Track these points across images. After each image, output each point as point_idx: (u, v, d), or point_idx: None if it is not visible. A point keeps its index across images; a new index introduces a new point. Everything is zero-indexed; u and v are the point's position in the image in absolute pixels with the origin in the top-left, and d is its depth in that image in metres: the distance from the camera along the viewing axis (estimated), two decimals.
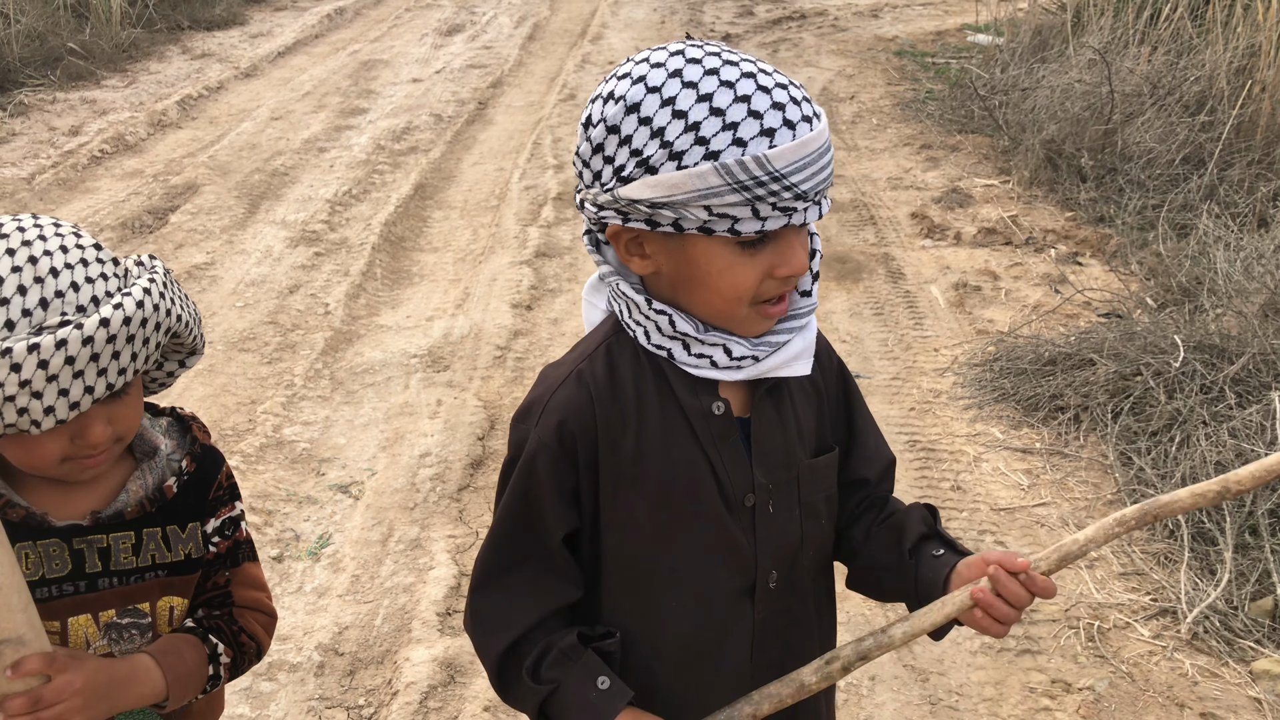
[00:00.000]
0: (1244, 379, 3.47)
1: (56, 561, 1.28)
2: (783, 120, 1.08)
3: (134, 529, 1.32)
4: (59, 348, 1.12)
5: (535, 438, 1.23)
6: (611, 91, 1.14)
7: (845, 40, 9.66)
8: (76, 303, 1.16)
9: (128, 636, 1.33)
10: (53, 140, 6.81)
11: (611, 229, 1.19)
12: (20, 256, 1.15)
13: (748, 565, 1.28)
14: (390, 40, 9.84)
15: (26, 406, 1.13)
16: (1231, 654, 2.70)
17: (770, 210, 1.09)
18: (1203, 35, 6.14)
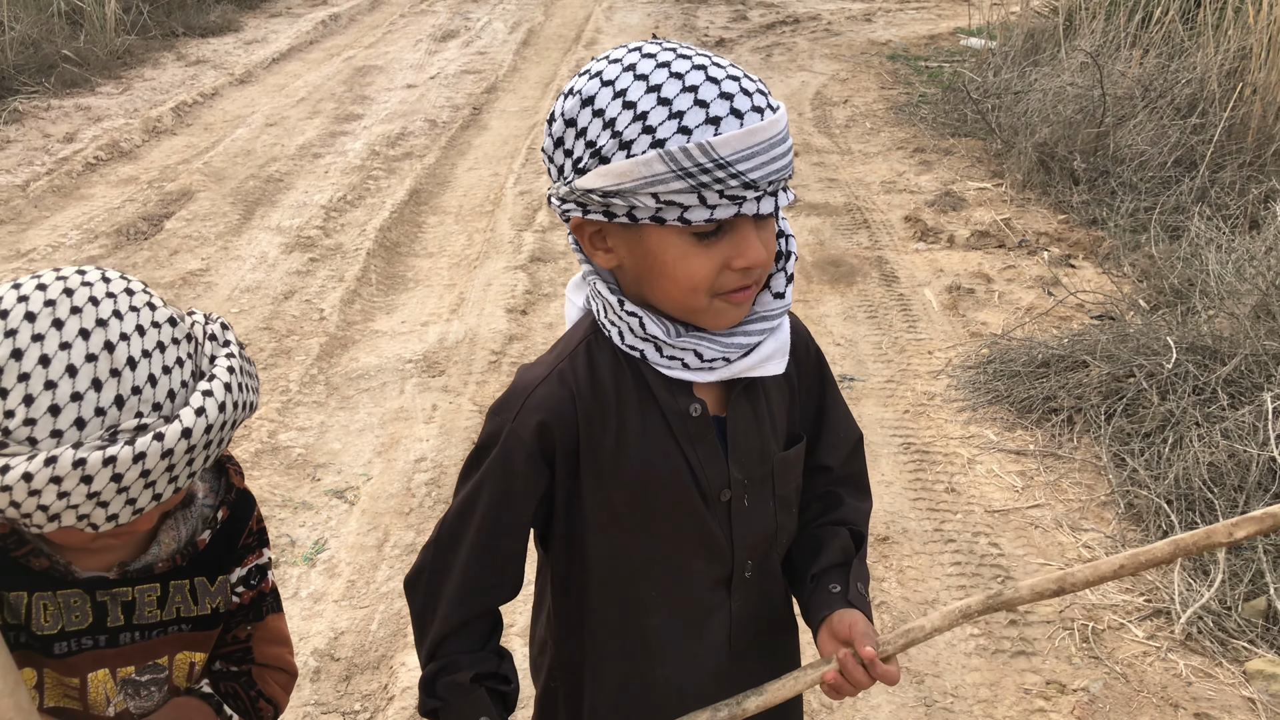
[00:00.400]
0: (1236, 380, 3.49)
1: (77, 614, 1.20)
2: (730, 109, 1.09)
3: (160, 581, 1.24)
4: (136, 461, 1.03)
5: (512, 432, 1.23)
6: (572, 88, 1.17)
7: (838, 44, 9.69)
8: (153, 399, 1.06)
9: (145, 694, 1.27)
10: (47, 147, 6.81)
11: (574, 222, 1.21)
12: (95, 341, 1.04)
13: (724, 557, 1.31)
14: (385, 46, 9.85)
15: (89, 514, 1.04)
16: (1225, 654, 2.71)
17: (717, 198, 1.10)
18: (1194, 38, 6.17)
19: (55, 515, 1.04)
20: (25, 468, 1.01)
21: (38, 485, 1.01)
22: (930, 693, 2.63)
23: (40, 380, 1.02)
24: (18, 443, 1.03)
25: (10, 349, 1.03)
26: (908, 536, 3.19)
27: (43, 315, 1.04)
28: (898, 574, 3.04)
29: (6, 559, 1.17)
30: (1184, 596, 2.87)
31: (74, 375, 1.03)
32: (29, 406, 1.02)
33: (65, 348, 1.03)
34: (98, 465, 1.01)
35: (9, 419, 1.03)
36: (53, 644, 1.20)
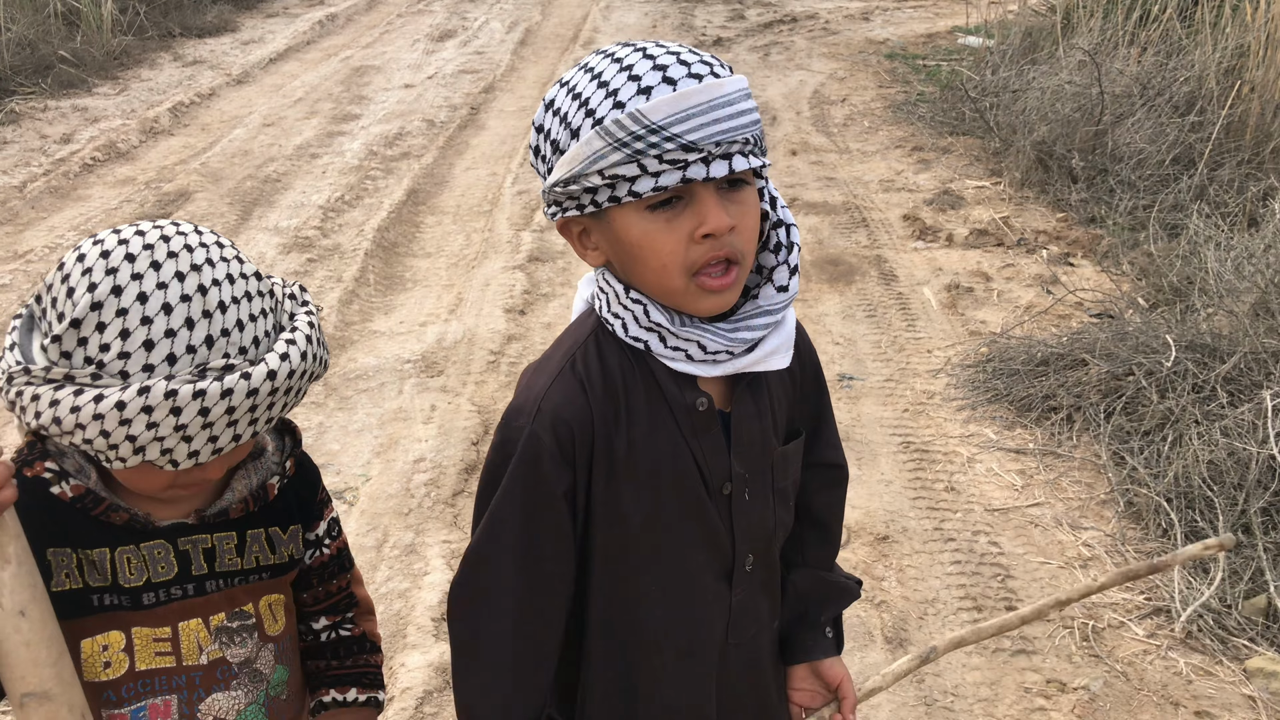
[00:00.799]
0: (1235, 378, 3.49)
1: (162, 564, 1.24)
2: (662, 78, 1.10)
3: (237, 529, 1.28)
4: (224, 397, 1.07)
5: (532, 434, 1.21)
6: (543, 99, 1.22)
7: (836, 43, 9.69)
8: (240, 343, 1.11)
9: (239, 640, 1.29)
10: (44, 148, 6.80)
11: (559, 224, 1.23)
12: (190, 284, 1.09)
13: (725, 551, 1.32)
14: (382, 46, 9.84)
15: (173, 449, 1.09)
16: (1225, 652, 2.71)
17: (657, 164, 1.10)
18: (1192, 36, 6.17)
19: (141, 448, 1.08)
20: (119, 396, 1.05)
21: (129, 415, 1.06)
22: (930, 692, 2.63)
23: (137, 316, 1.07)
24: (110, 375, 1.07)
25: (110, 285, 1.08)
26: (907, 535, 3.19)
27: (142, 257, 1.09)
28: (897, 573, 3.03)
29: (86, 518, 1.19)
30: (1184, 595, 2.87)
31: (169, 313, 1.08)
32: (124, 340, 1.07)
33: (162, 287, 1.08)
34: (187, 398, 1.06)
35: (104, 352, 1.07)
36: (141, 595, 1.22)
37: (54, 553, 1.19)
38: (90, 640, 1.22)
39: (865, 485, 3.43)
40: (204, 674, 1.27)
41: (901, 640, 2.79)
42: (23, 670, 1.08)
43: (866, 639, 2.80)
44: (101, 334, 1.07)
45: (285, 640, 1.36)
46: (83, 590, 1.21)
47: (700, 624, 1.33)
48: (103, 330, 1.07)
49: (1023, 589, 2.96)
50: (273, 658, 1.33)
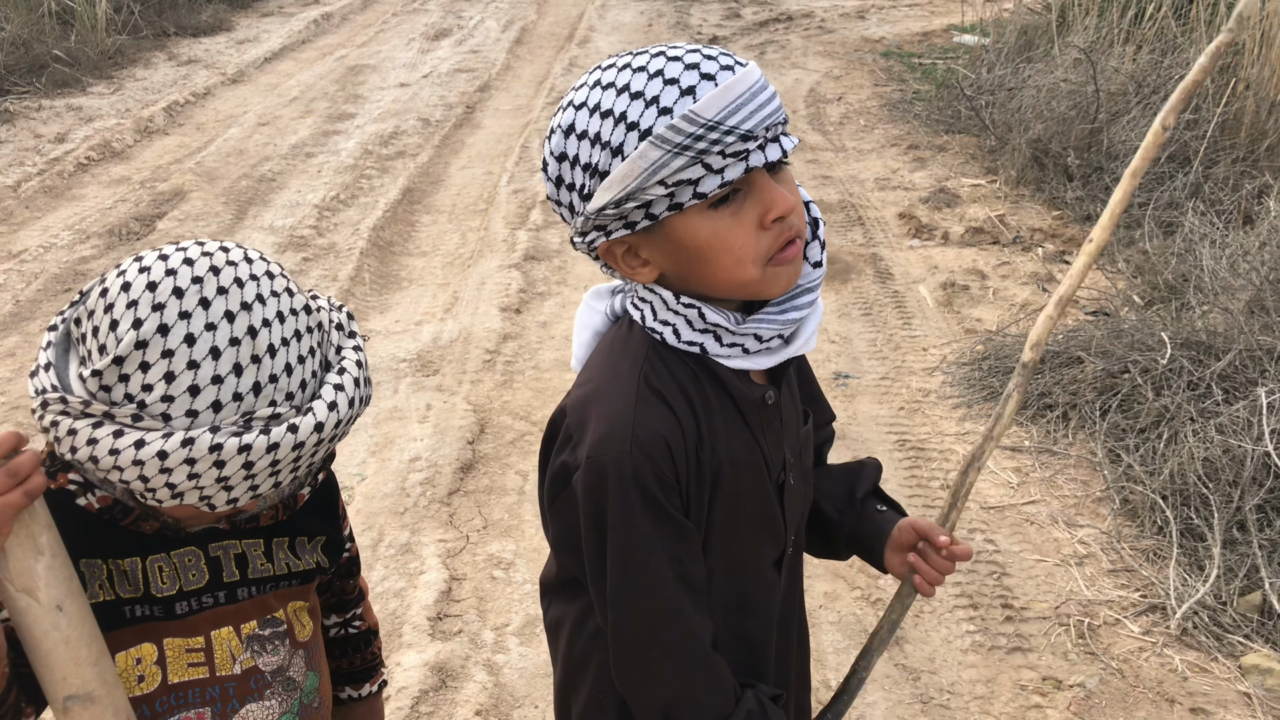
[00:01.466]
0: (1231, 375, 3.49)
1: (193, 572, 1.21)
2: (699, 75, 1.09)
3: (264, 537, 1.26)
4: (269, 451, 1.04)
5: (635, 462, 1.15)
6: (552, 127, 1.18)
7: (832, 42, 9.69)
8: (287, 388, 1.07)
9: (271, 648, 1.27)
10: (39, 148, 6.79)
11: (602, 249, 1.19)
12: (240, 325, 1.04)
13: (780, 537, 1.33)
14: (377, 45, 9.83)
15: (212, 496, 1.06)
16: (1221, 649, 2.72)
17: (721, 160, 1.09)
18: (1186, 34, 6.18)
19: (180, 493, 1.05)
20: (161, 445, 1.01)
21: (170, 464, 1.02)
22: (926, 689, 2.63)
23: (184, 359, 1.03)
24: (151, 417, 1.03)
25: (157, 324, 1.03)
26: None
27: (190, 292, 1.04)
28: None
29: (115, 529, 1.17)
30: (1179, 592, 2.87)
31: (217, 358, 1.03)
32: (169, 384, 1.03)
33: (210, 329, 1.04)
34: (232, 452, 1.02)
35: (146, 392, 1.03)
36: (174, 604, 1.20)
37: (86, 564, 1.16)
38: (124, 654, 1.19)
39: None
40: (237, 684, 1.24)
41: (898, 638, 2.79)
42: (64, 670, 1.03)
43: (863, 636, 2.79)
44: (145, 374, 1.02)
45: (313, 646, 1.34)
46: (115, 602, 1.18)
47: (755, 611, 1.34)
48: (146, 370, 1.02)
49: (1019, 586, 2.96)
50: (304, 664, 1.31)
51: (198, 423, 1.04)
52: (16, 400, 3.96)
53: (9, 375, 4.15)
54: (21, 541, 1.01)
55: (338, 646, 1.47)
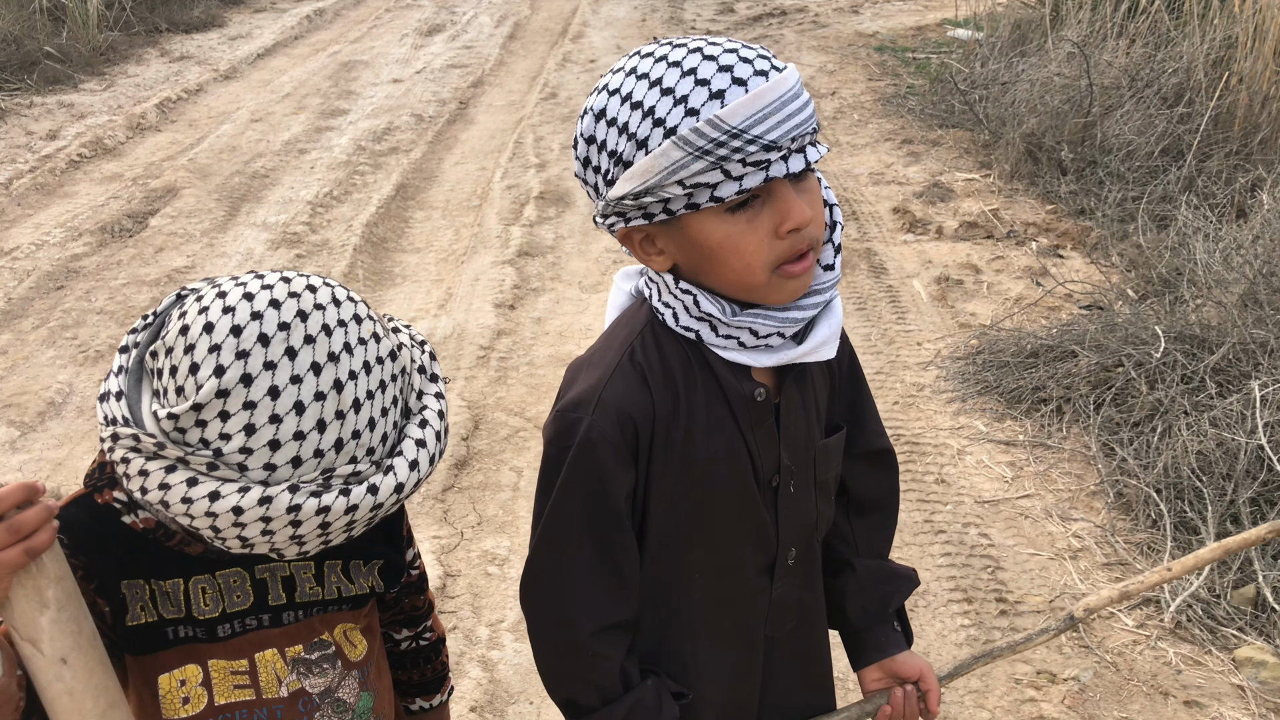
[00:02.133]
0: (1224, 368, 3.49)
1: (238, 594, 1.17)
2: (731, 79, 1.08)
3: (315, 560, 1.21)
4: (348, 512, 1.02)
5: (594, 426, 1.19)
6: (586, 107, 1.18)
7: (826, 36, 9.68)
8: (369, 444, 1.05)
9: (319, 670, 1.23)
10: (30, 145, 6.76)
11: (620, 234, 1.20)
12: (325, 379, 1.01)
13: (770, 544, 1.32)
14: (370, 41, 9.80)
15: (283, 549, 1.04)
16: (1214, 642, 2.72)
17: (741, 168, 1.08)
18: (1180, 28, 6.18)
19: (251, 545, 1.03)
20: (237, 501, 0.99)
21: (245, 520, 1.00)
22: None
23: (266, 413, 0.99)
24: (227, 466, 1.00)
25: (240, 373, 0.99)
26: (898, 528, 3.18)
27: (276, 341, 1.00)
28: None
29: (160, 549, 1.14)
30: (1173, 585, 2.87)
31: (300, 413, 1.00)
32: (249, 436, 1.00)
33: (296, 381, 1.00)
34: (310, 513, 1.00)
35: (224, 441, 1.00)
36: (216, 627, 1.17)
37: (128, 585, 1.14)
38: (168, 676, 1.17)
39: None
40: (285, 707, 1.21)
41: None
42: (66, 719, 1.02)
43: None
44: (224, 423, 0.99)
45: (369, 665, 1.30)
46: (157, 623, 1.16)
47: (739, 614, 1.33)
48: (226, 420, 0.99)
49: (1013, 580, 2.96)
50: (357, 685, 1.27)
51: (275, 477, 1.01)
52: (9, 398, 3.95)
53: (1, 372, 4.13)
54: (28, 594, 0.99)
55: (409, 659, 1.45)
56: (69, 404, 3.94)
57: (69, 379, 4.09)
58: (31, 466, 3.57)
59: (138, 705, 1.19)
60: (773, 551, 1.32)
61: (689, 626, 1.31)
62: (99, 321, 4.54)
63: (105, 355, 4.26)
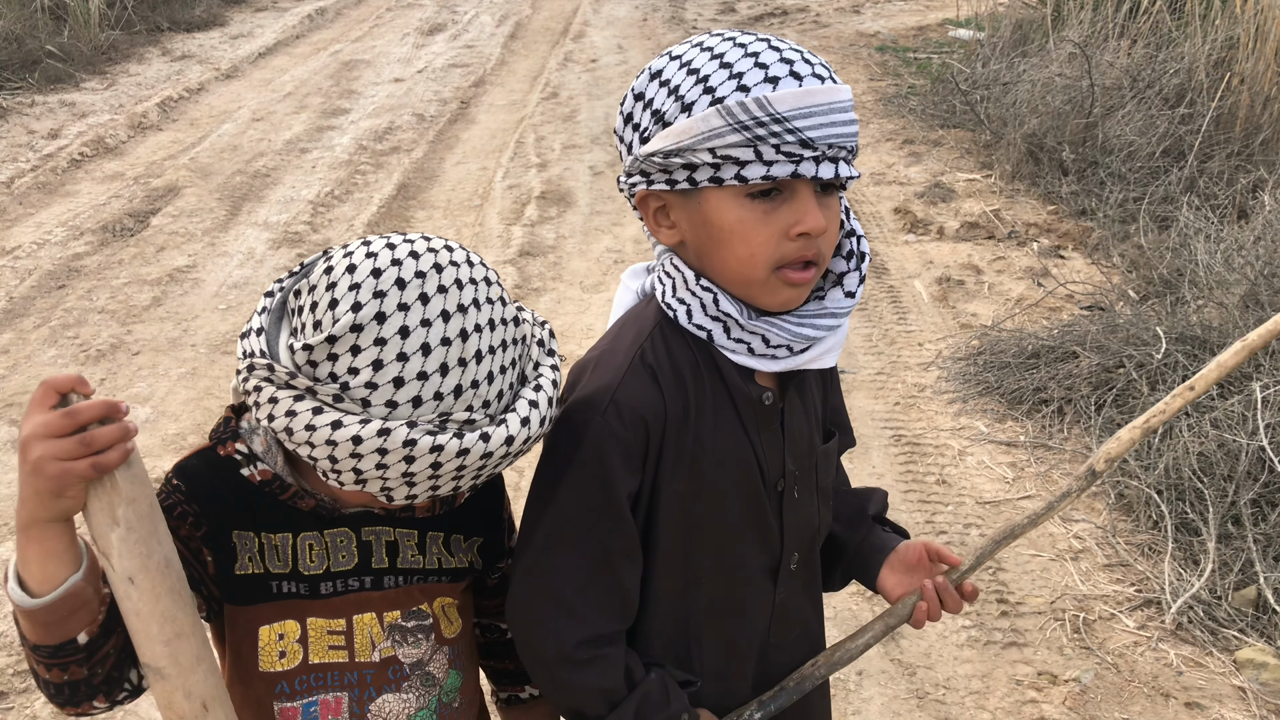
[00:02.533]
0: None
1: (343, 553, 1.21)
2: (789, 71, 1.11)
3: (418, 529, 1.25)
4: (460, 455, 1.05)
5: (604, 428, 1.18)
6: (647, 68, 1.20)
7: (827, 36, 9.68)
8: (485, 396, 1.08)
9: (413, 640, 1.26)
10: (31, 143, 6.76)
11: (639, 195, 1.21)
12: (453, 327, 1.06)
13: (775, 548, 1.32)
14: (371, 40, 9.80)
15: (393, 489, 1.07)
16: (1215, 643, 2.72)
17: (774, 154, 1.10)
18: (1181, 28, 6.18)
19: (364, 480, 1.06)
20: (357, 430, 1.03)
21: (362, 450, 1.03)
22: (922, 684, 2.63)
23: (394, 350, 1.04)
24: (351, 400, 1.05)
25: (375, 310, 1.04)
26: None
27: (412, 285, 1.06)
28: None
29: (274, 502, 1.18)
30: (1174, 586, 2.87)
31: (426, 354, 1.04)
32: (376, 371, 1.04)
33: (425, 324, 1.05)
34: (424, 450, 1.03)
35: (352, 375, 1.04)
36: (319, 584, 1.20)
37: (239, 535, 1.18)
38: (267, 628, 1.20)
39: (856, 478, 3.43)
40: (376, 672, 1.24)
41: (894, 634, 2.79)
42: (136, 640, 1.06)
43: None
44: (354, 357, 1.04)
45: (461, 644, 1.31)
46: (263, 576, 1.19)
47: (744, 619, 1.33)
48: (356, 354, 1.04)
49: (1014, 581, 2.97)
50: (447, 661, 1.29)
51: (395, 415, 1.05)
52: (10, 397, 3.95)
53: (3, 372, 4.14)
54: (101, 508, 1.03)
55: (506, 648, 1.43)
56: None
57: None
58: None
59: (234, 657, 1.22)
60: (777, 557, 1.32)
61: (695, 632, 1.31)
62: (100, 321, 4.54)
63: (107, 354, 4.26)
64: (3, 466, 3.58)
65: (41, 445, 0.99)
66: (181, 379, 4.08)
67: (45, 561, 1.02)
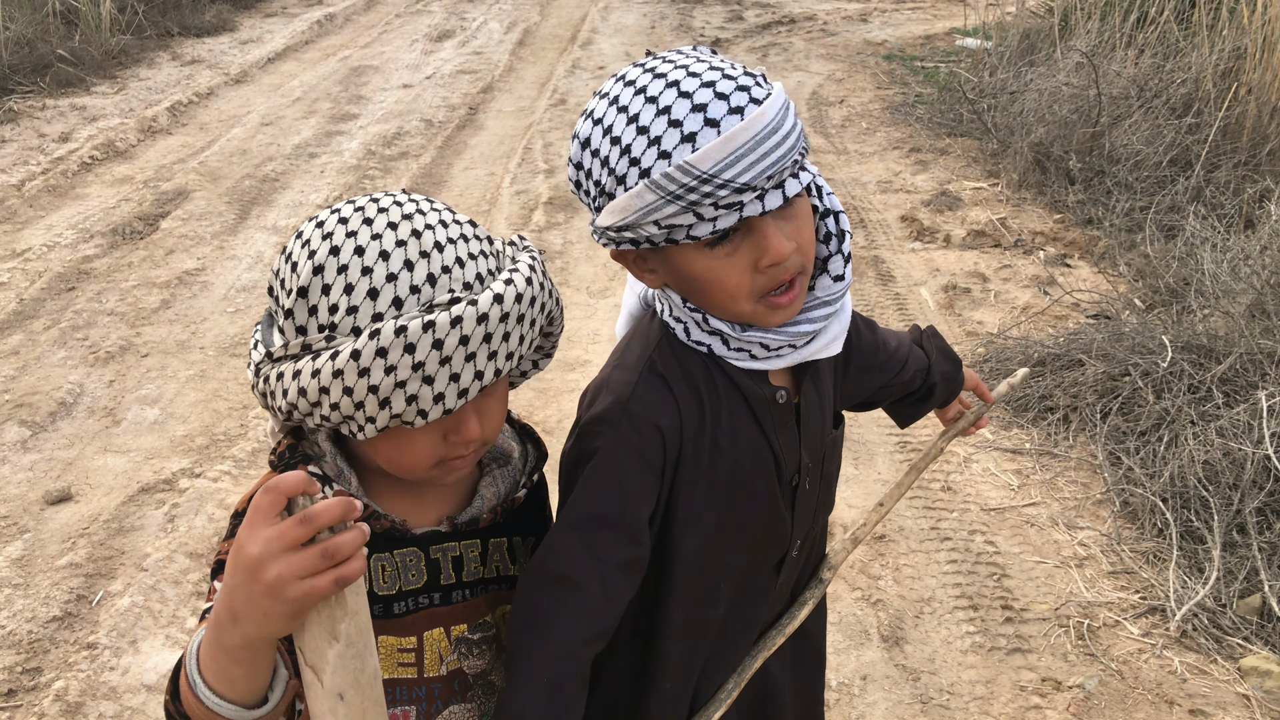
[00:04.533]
0: (1231, 378, 3.50)
1: (413, 572, 1.20)
2: (703, 121, 1.07)
3: (480, 537, 1.25)
4: (454, 325, 1.03)
5: (621, 441, 1.18)
6: (576, 133, 1.19)
7: (834, 45, 9.70)
8: (463, 279, 1.08)
9: (478, 652, 1.25)
10: (43, 147, 6.80)
11: (613, 254, 1.22)
12: (404, 230, 1.08)
13: (784, 541, 1.33)
14: (380, 46, 9.84)
15: (416, 394, 1.05)
16: (1220, 651, 2.72)
17: (714, 210, 1.08)
18: (1189, 38, 6.19)
19: (385, 399, 1.05)
20: (352, 347, 1.04)
21: (365, 363, 1.03)
22: (926, 690, 2.63)
23: (357, 268, 1.06)
24: (344, 335, 1.06)
25: (328, 248, 1.08)
26: (904, 535, 3.20)
27: (354, 218, 1.10)
28: (894, 572, 3.04)
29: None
30: (1179, 594, 2.87)
31: (387, 259, 1.06)
32: (349, 295, 1.06)
33: (376, 238, 1.07)
34: (418, 332, 1.03)
35: (333, 314, 1.07)
36: (393, 604, 1.19)
37: None
38: None
39: (862, 485, 3.43)
40: (443, 685, 1.23)
41: (898, 639, 2.80)
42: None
43: (863, 637, 2.80)
44: (328, 296, 1.06)
45: None
46: None
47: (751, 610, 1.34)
48: (328, 292, 1.06)
49: (1019, 588, 2.97)
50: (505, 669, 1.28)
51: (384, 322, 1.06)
52: (20, 398, 3.97)
53: (13, 373, 4.16)
54: (321, 622, 0.96)
55: None
56: (79, 404, 3.97)
57: (80, 379, 4.11)
58: (42, 466, 3.59)
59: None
60: (785, 546, 1.34)
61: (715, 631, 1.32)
62: (109, 323, 4.56)
63: (116, 356, 4.28)
64: (11, 467, 3.59)
65: (280, 563, 0.90)
66: (190, 381, 4.10)
67: (254, 680, 0.97)
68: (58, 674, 2.73)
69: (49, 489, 3.44)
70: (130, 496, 3.43)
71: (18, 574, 3.09)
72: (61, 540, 3.24)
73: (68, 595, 3.00)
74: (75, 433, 3.79)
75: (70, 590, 3.02)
